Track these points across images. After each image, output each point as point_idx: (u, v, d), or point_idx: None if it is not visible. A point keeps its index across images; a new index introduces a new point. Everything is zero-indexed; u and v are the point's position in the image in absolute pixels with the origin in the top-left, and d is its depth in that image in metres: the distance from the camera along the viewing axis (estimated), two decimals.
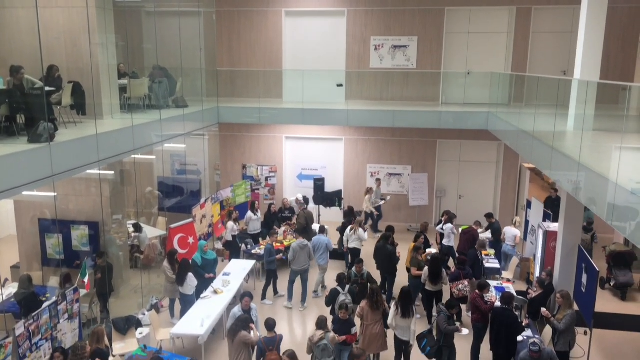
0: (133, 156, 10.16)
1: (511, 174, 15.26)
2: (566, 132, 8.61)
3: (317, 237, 11.24)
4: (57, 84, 8.42)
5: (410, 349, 8.11)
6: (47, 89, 7.58)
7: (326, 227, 11.69)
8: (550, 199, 12.59)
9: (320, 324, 7.30)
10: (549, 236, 9.96)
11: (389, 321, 8.06)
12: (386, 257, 10.54)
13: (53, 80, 8.40)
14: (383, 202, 14.97)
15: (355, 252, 11.49)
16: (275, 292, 11.21)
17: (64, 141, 7.23)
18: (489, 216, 12.28)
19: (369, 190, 14.64)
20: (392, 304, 8.19)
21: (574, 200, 8.45)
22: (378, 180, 15.31)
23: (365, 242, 11.70)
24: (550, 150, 7.84)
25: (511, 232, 11.75)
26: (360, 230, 11.66)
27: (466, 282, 9.38)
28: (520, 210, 13.85)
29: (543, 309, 8.20)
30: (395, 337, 8.16)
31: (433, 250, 11.31)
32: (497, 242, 11.95)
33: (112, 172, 10.65)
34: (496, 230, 12.02)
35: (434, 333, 7.89)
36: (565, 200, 9.09)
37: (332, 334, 7.26)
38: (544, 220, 10.79)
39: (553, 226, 10.15)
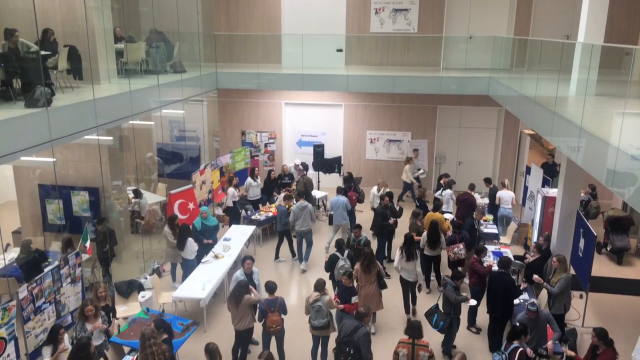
0: (131, 122, 10.10)
1: (511, 140, 15.21)
2: (568, 98, 8.53)
3: (335, 198, 11.53)
4: (53, 48, 8.28)
5: (416, 289, 9.10)
6: (42, 52, 7.45)
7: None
8: (547, 165, 12.60)
9: (318, 286, 7.42)
10: (548, 201, 10.00)
11: (395, 264, 9.03)
12: (375, 216, 10.80)
13: (48, 44, 8.25)
14: (421, 171, 14.54)
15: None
16: (277, 256, 11.36)
17: (61, 106, 7.17)
18: (487, 181, 12.32)
19: (409, 160, 14.29)
20: (398, 250, 9.03)
21: (573, 165, 8.45)
22: (415, 150, 14.84)
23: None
24: (551, 115, 7.79)
25: (507, 195, 11.84)
26: (388, 190, 12.04)
27: (461, 246, 9.49)
28: (519, 176, 13.87)
29: (535, 276, 8.30)
30: (401, 279, 9.01)
31: (451, 215, 11.28)
32: (493, 206, 12.03)
33: (111, 138, 10.59)
34: (493, 195, 12.09)
35: (440, 307, 7.93)
36: (565, 166, 9.09)
37: (327, 297, 7.36)
38: (542, 186, 10.82)
39: (552, 191, 10.19)
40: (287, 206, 11.37)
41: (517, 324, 6.81)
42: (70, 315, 7.48)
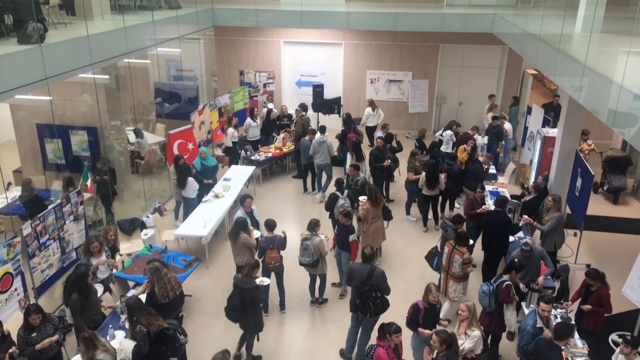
0: (127, 60, 9.90)
1: (513, 80, 15.00)
2: (573, 35, 8.33)
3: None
4: None
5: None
6: None
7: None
8: (551, 106, 12.48)
9: (309, 225, 7.56)
10: (547, 142, 9.99)
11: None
12: (370, 158, 10.98)
13: None
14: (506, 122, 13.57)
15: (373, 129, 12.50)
16: (313, 188, 11.91)
17: (55, 42, 7.01)
18: (495, 118, 12.31)
19: (492, 108, 13.63)
20: (348, 155, 10.85)
21: (575, 105, 8.37)
22: (492, 96, 14.07)
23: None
24: (556, 53, 7.63)
25: (509, 126, 12.53)
26: (381, 110, 13.32)
27: (442, 176, 9.90)
28: (520, 117, 13.77)
29: (525, 216, 8.42)
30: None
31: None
32: (492, 145, 12.11)
33: (107, 77, 10.43)
34: (496, 134, 12.10)
35: (439, 249, 8.02)
36: (567, 105, 9.01)
37: (318, 238, 7.47)
38: (543, 126, 10.77)
39: (552, 132, 10.15)
40: (311, 140, 11.60)
41: (516, 260, 6.95)
42: (75, 252, 7.64)
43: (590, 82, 6.40)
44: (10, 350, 5.38)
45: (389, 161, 10.65)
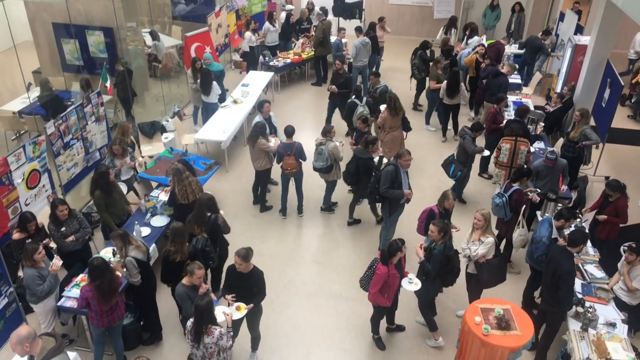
0: None
1: None
2: None
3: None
4: None
5: None
6: None
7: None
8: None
9: (323, 131, 7.58)
10: (578, 50, 9.57)
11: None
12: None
13: None
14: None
15: None
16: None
17: None
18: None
19: None
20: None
21: (611, 10, 7.94)
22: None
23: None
24: None
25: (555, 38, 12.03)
26: None
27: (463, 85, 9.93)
28: (551, 24, 13.11)
29: (541, 123, 8.24)
30: None
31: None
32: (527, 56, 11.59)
33: None
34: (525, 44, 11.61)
35: (456, 157, 7.98)
36: (602, 11, 8.50)
37: (333, 144, 7.47)
38: (575, 34, 10.27)
39: (583, 39, 9.69)
40: (341, 39, 11.75)
41: (525, 166, 6.91)
42: (98, 152, 7.81)
43: None
44: (44, 242, 5.69)
45: (333, 87, 9.87)
